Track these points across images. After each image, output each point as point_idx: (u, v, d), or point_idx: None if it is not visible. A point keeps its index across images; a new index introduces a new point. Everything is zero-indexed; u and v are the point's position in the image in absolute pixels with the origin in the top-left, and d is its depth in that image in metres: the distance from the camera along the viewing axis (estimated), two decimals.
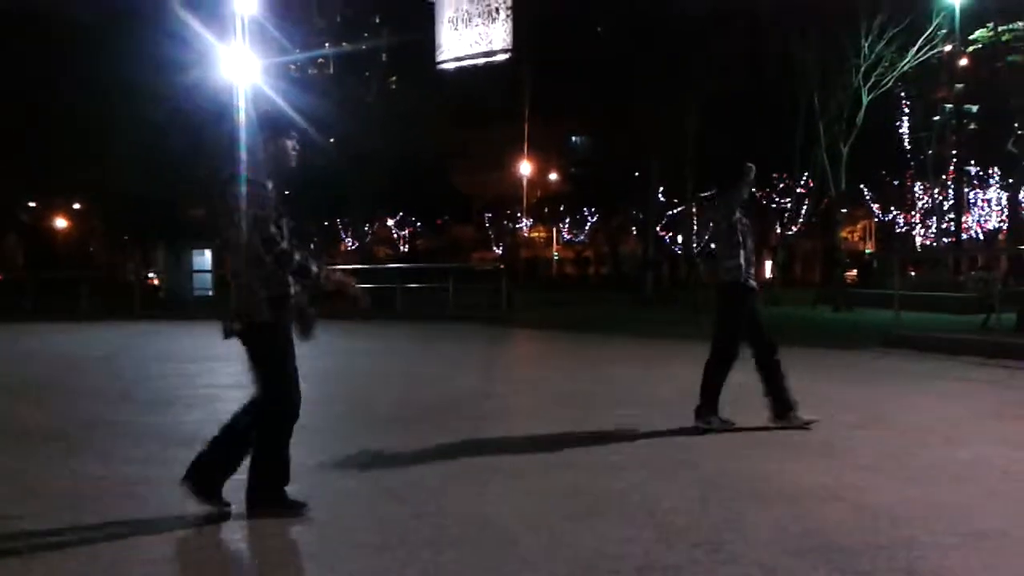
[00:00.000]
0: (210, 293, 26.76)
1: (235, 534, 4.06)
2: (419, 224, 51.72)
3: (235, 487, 4.17)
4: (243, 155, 4.23)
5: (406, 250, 50.66)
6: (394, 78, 39.30)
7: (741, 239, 6.40)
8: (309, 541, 3.95)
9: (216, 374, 9.68)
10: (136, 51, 25.63)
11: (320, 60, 38.74)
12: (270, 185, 4.18)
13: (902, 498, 4.49)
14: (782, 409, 6.32)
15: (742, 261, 6.34)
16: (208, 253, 28.62)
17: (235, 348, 4.20)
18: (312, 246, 38.05)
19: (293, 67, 35.66)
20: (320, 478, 4.92)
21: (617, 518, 4.20)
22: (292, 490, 4.26)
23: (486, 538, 3.93)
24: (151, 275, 32.01)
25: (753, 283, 6.45)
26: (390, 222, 49.20)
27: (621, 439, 5.98)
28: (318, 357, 12.29)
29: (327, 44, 37.62)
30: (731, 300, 6.42)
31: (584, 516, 4.24)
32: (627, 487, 4.75)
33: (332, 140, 32.44)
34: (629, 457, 5.44)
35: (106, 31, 28.32)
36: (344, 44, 37.29)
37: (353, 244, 41.52)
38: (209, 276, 28.04)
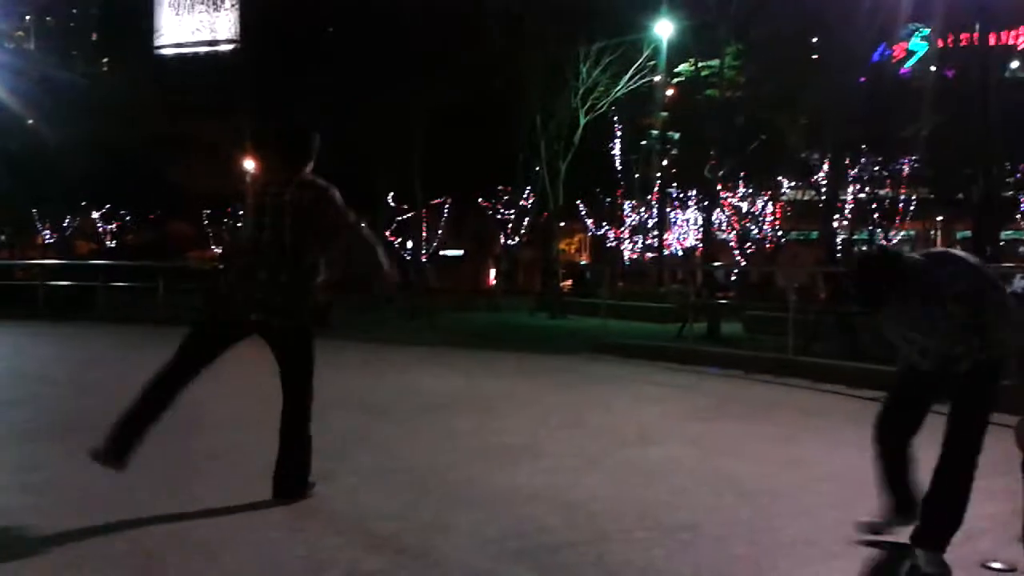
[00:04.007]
0: None
1: None
2: (128, 218, 48.14)
3: None
4: None
5: (113, 245, 46.95)
6: (105, 60, 36.43)
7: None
8: None
9: None
10: None
11: (19, 33, 35.11)
12: None
13: (598, 495, 4.73)
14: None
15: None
16: None
17: None
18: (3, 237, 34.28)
19: None
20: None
21: (326, 526, 4.10)
22: None
23: (187, 552, 3.68)
24: None
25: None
26: (95, 214, 45.42)
27: (336, 446, 5.85)
28: (2, 360, 11.09)
29: (27, 16, 34.16)
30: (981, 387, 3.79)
31: (292, 525, 4.10)
32: (337, 494, 4.65)
33: (31, 122, 29.54)
34: (343, 464, 5.32)
35: None
36: (48, 18, 34.09)
37: (51, 237, 37.89)
38: None
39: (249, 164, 44.43)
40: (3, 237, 40.03)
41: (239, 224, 4.64)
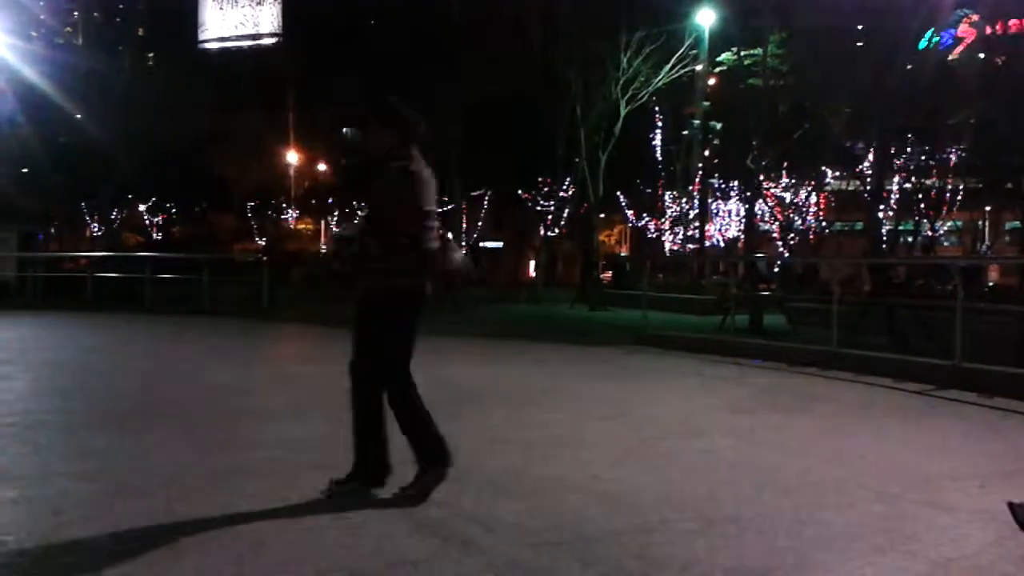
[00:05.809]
0: None
1: None
2: (174, 211, 48.91)
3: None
4: None
5: (159, 238, 47.70)
6: (151, 55, 36.95)
7: None
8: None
9: None
10: None
11: (68, 29, 35.71)
12: None
13: (640, 487, 4.74)
14: None
15: None
16: None
17: None
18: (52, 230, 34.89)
19: (35, 34, 32.59)
20: (46, 476, 4.52)
21: (370, 515, 4.15)
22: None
23: (235, 540, 3.75)
24: None
25: None
26: (141, 207, 46.21)
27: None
28: (52, 350, 11.33)
29: (75, 13, 34.71)
30: None
31: (337, 514, 4.15)
32: None
33: (79, 116, 30.04)
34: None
35: None
36: (95, 14, 34.59)
37: (99, 230, 38.59)
38: None
39: (292, 157, 44.78)
40: (52, 230, 40.86)
41: None
